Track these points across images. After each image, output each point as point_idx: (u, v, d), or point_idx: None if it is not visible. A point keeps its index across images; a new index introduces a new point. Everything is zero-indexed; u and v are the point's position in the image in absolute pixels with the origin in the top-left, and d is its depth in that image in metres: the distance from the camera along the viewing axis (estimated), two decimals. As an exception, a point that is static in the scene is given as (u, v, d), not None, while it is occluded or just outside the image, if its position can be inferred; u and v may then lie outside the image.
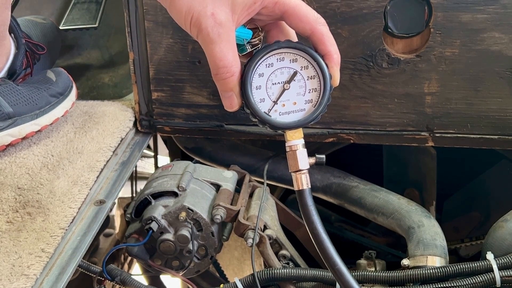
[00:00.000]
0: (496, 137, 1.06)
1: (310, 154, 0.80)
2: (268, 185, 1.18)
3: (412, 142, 1.10)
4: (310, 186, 0.78)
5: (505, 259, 0.91)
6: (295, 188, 0.79)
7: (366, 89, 1.07)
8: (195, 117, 1.16)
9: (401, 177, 1.39)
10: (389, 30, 1.02)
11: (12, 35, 1.14)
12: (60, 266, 0.83)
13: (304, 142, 0.79)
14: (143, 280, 1.48)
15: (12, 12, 1.49)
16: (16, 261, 0.82)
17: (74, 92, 1.17)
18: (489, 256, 0.92)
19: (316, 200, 1.26)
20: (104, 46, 1.54)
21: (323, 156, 0.80)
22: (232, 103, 0.77)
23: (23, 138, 1.07)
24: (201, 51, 0.76)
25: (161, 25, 1.08)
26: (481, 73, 1.02)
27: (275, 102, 0.77)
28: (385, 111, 1.08)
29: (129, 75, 1.19)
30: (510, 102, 1.03)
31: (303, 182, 0.78)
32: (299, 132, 0.79)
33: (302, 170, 0.78)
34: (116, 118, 1.18)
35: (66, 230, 0.88)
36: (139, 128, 1.20)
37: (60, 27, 1.43)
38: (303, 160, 0.78)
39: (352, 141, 1.13)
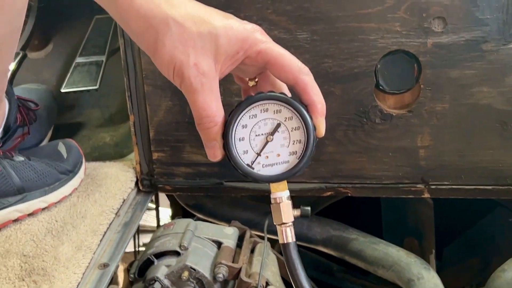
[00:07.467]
0: (490, 187, 1.08)
1: (301, 205, 0.79)
2: (269, 239, 1.19)
3: (408, 194, 1.11)
4: (295, 240, 0.76)
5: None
6: (280, 241, 0.77)
7: (361, 144, 1.09)
8: (195, 175, 1.19)
9: (400, 226, 1.40)
10: (380, 87, 1.05)
11: (5, 94, 1.13)
12: (66, 333, 0.83)
13: (289, 194, 0.77)
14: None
15: (14, 76, 1.53)
16: (24, 329, 0.83)
17: (83, 169, 1.20)
18: (489, 307, 0.93)
19: (318, 251, 1.27)
20: (104, 105, 1.57)
21: (308, 208, 0.78)
22: (215, 153, 0.76)
23: (30, 214, 1.07)
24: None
25: (160, 88, 1.11)
26: (472, 126, 1.05)
27: (259, 154, 0.75)
28: (380, 165, 1.10)
29: (129, 134, 1.22)
30: (502, 153, 1.05)
31: (287, 235, 0.76)
32: (284, 184, 0.77)
33: (287, 223, 0.76)
34: (118, 179, 1.20)
35: (71, 296, 0.90)
36: (141, 188, 1.22)
37: (62, 90, 1.47)
38: (288, 212, 0.76)
39: (349, 194, 1.14)
